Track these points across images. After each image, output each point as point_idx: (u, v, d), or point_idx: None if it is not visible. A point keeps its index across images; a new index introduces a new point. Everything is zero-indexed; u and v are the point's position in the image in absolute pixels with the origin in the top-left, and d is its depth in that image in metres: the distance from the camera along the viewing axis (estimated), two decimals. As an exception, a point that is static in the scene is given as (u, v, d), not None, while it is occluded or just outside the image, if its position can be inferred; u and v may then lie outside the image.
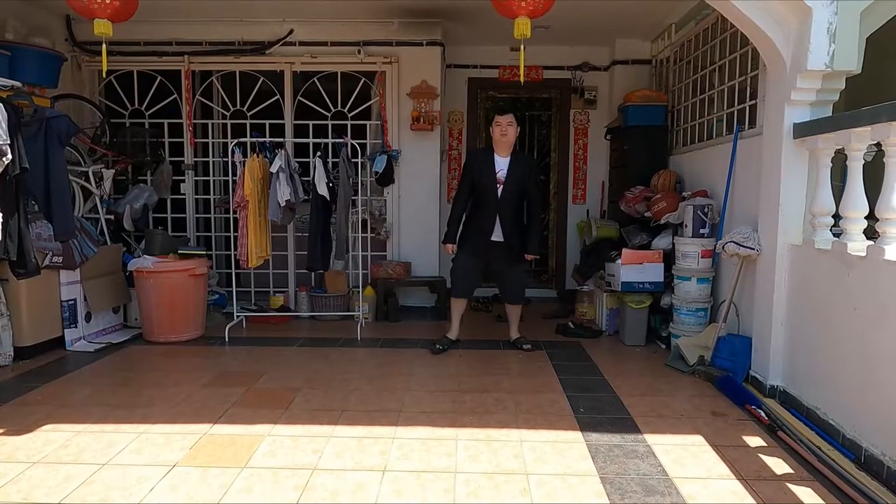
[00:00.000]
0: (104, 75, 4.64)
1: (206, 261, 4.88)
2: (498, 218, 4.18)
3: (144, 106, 5.69)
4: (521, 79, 3.87)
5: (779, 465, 2.58)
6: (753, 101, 3.90)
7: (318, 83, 5.67)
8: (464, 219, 4.36)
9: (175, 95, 5.65)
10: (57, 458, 2.60)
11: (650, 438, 2.85)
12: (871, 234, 2.79)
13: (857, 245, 2.76)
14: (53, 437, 2.81)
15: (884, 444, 2.49)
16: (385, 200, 5.80)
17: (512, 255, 4.26)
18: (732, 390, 3.41)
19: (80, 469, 2.50)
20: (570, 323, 5.08)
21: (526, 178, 4.20)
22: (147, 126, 5.64)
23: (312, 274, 5.36)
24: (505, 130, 4.12)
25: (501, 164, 4.18)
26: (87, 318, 4.50)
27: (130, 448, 2.71)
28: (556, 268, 6.68)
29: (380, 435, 2.87)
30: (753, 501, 2.29)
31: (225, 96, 5.78)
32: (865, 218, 2.84)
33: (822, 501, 2.29)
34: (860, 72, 3.09)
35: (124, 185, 5.45)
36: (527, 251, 4.27)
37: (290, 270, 5.77)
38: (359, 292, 5.13)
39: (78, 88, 5.52)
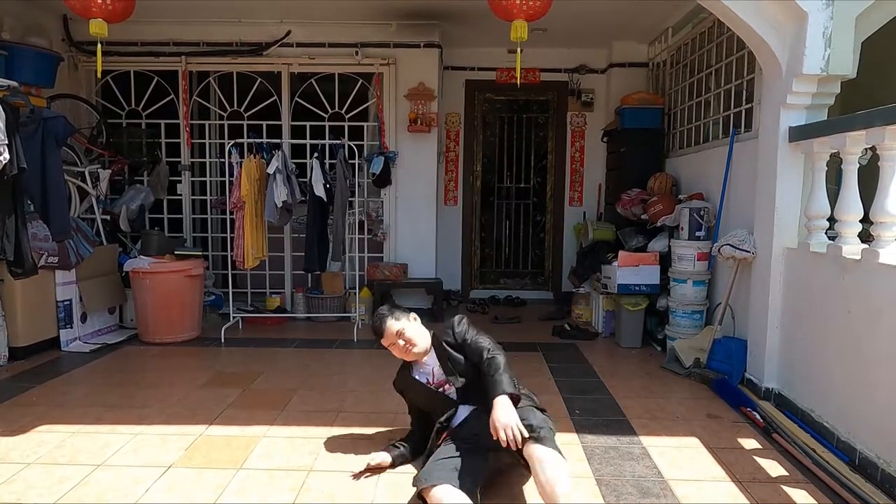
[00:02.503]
0: (99, 76, 4.64)
1: (203, 262, 4.87)
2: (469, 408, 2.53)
3: (141, 106, 5.68)
4: (518, 81, 3.86)
5: (773, 468, 2.59)
6: (749, 105, 3.92)
7: (315, 84, 5.67)
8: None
9: (172, 96, 5.65)
10: (52, 459, 2.60)
11: (646, 440, 2.85)
12: (866, 237, 2.80)
13: (852, 248, 2.77)
14: (48, 438, 2.80)
15: (878, 447, 2.50)
16: (382, 202, 5.80)
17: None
18: (728, 393, 3.42)
19: (76, 470, 2.50)
20: (566, 325, 5.09)
21: (463, 350, 2.56)
22: (144, 126, 5.64)
23: (309, 275, 5.36)
24: (403, 349, 2.63)
25: (426, 369, 2.66)
26: (83, 318, 4.49)
27: (126, 449, 2.70)
28: (553, 270, 6.68)
29: (376, 437, 2.87)
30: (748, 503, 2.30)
31: (222, 97, 5.77)
32: (860, 221, 2.86)
33: (816, 504, 2.30)
34: (855, 76, 3.11)
35: (121, 186, 5.44)
36: (499, 392, 2.29)
37: (286, 271, 5.76)
38: (355, 294, 5.12)
39: (74, 88, 5.50)
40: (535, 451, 2.12)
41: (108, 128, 5.37)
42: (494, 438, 2.17)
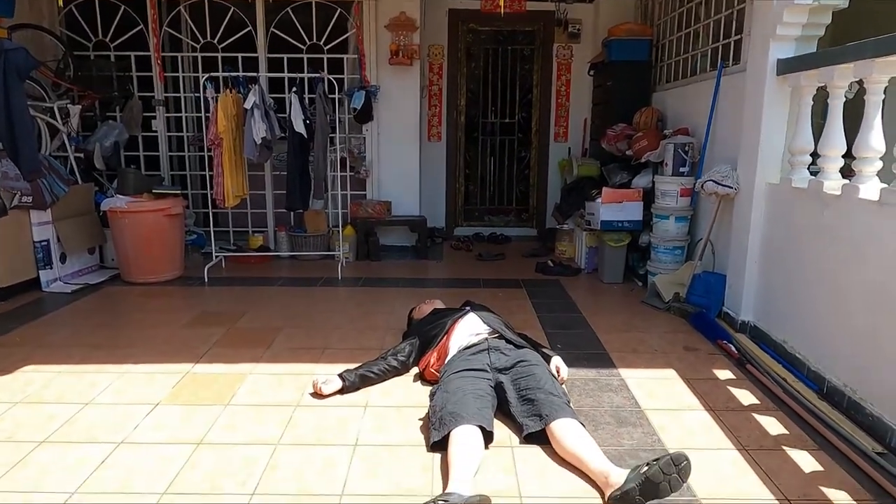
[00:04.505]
0: (61, 4, 4.38)
1: (182, 200, 4.78)
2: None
3: (109, 37, 5.40)
4: (501, 9, 3.72)
5: (746, 397, 2.69)
6: (739, 36, 3.82)
7: (291, 14, 5.41)
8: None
9: (141, 26, 5.37)
10: (39, 398, 2.61)
11: (624, 373, 2.93)
12: (849, 173, 2.81)
13: (833, 184, 2.79)
14: (34, 378, 2.81)
15: (845, 375, 2.60)
16: (364, 138, 5.68)
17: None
18: (705, 326, 3.51)
19: (63, 409, 2.52)
20: (549, 261, 5.14)
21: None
22: (113, 59, 5.39)
23: (291, 213, 5.30)
24: None
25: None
26: (62, 258, 4.43)
27: (113, 388, 2.72)
28: (537, 206, 6.68)
29: (361, 372, 2.92)
30: (720, 430, 2.39)
31: (194, 27, 5.50)
32: (844, 157, 2.85)
33: (784, 430, 2.40)
34: (847, 6, 3.03)
35: (93, 122, 5.26)
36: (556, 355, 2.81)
37: (268, 210, 5.69)
38: (339, 232, 5.10)
39: (36, 18, 5.19)
40: (568, 425, 2.17)
41: (75, 60, 5.12)
42: (559, 376, 2.65)
